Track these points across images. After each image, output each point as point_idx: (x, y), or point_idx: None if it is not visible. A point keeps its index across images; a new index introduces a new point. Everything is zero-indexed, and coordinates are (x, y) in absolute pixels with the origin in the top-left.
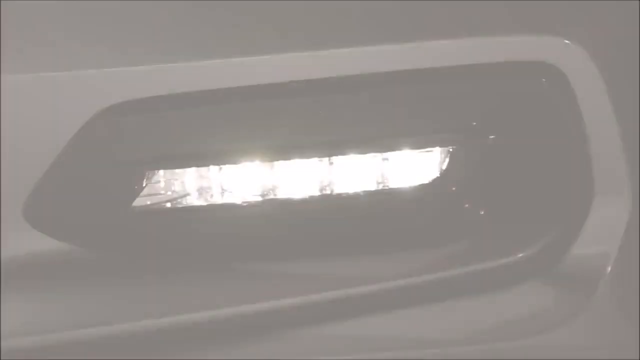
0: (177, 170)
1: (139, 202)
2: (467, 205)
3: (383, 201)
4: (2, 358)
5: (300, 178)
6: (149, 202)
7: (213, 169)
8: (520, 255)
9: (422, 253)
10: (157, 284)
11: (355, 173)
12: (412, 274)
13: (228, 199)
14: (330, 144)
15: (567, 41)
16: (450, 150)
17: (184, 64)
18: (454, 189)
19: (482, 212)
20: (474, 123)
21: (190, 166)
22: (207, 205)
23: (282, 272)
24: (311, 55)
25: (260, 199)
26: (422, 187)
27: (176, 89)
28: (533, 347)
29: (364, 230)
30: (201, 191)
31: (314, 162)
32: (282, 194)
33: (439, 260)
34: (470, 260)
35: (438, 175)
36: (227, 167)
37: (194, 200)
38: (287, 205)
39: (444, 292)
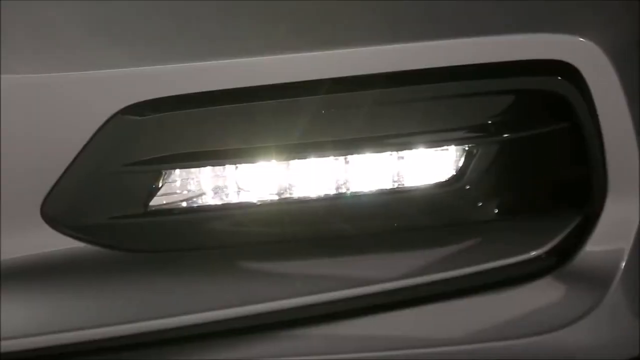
0: (193, 170)
1: (155, 201)
2: (481, 204)
3: (398, 199)
4: (2, 358)
5: (316, 177)
6: (165, 202)
7: (229, 168)
8: (534, 252)
9: (435, 251)
10: (165, 283)
11: (371, 172)
12: (423, 272)
13: (244, 198)
14: (346, 143)
15: (582, 39)
16: (466, 148)
17: (200, 64)
18: (468, 187)
19: (496, 210)
20: (489, 121)
21: (206, 165)
22: (223, 204)
23: (283, 272)
24: (329, 54)
25: (276, 198)
26: (437, 185)
27: (192, 89)
28: (544, 344)
29: (377, 229)
30: (217, 190)
31: (329, 161)
32: (298, 192)
33: (450, 258)
34: (483, 258)
35: (453, 173)
36: (243, 167)
37: (209, 199)
38: (303, 204)
39: (452, 291)
